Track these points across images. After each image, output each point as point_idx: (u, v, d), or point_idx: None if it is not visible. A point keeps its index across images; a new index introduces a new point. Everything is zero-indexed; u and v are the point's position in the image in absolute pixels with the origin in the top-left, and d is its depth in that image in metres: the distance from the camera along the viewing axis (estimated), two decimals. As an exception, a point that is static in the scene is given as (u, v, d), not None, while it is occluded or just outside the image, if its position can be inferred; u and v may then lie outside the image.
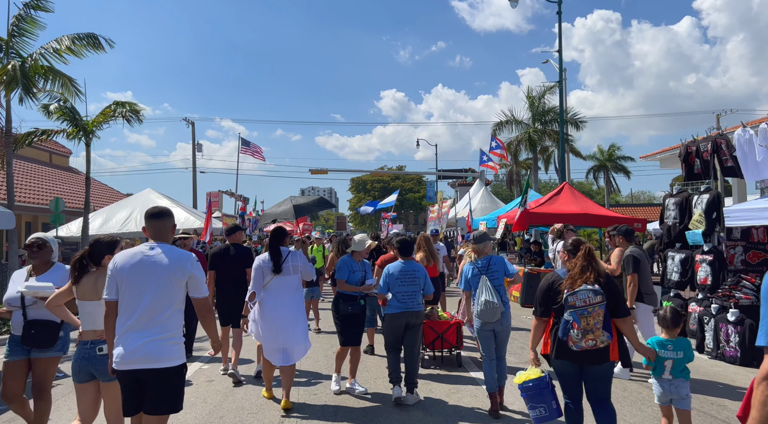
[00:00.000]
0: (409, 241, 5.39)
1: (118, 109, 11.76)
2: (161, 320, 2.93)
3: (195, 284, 3.07)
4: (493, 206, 20.83)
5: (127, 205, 15.72)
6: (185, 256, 3.10)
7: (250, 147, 28.65)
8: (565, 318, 3.39)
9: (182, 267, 3.01)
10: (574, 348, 3.34)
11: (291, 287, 5.09)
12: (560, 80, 19.66)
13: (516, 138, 23.37)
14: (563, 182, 12.81)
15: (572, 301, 3.34)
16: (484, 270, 4.91)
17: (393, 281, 5.10)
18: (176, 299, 3.01)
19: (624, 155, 41.89)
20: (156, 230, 3.15)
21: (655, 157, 18.80)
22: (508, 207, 15.41)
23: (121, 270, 2.97)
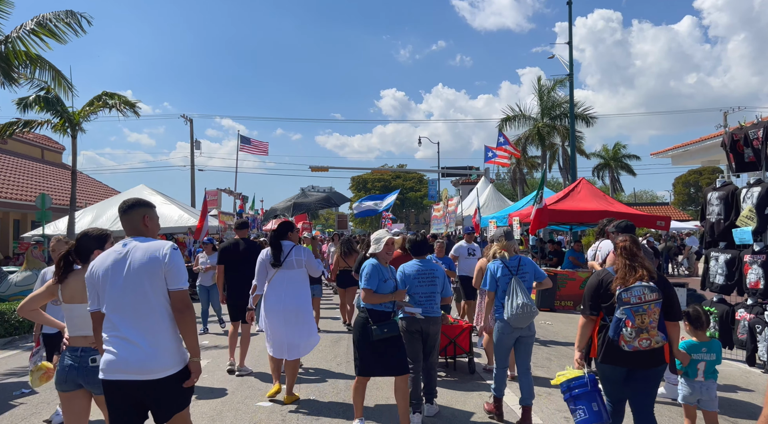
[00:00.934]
0: (419, 240, 4.90)
1: (107, 100, 10.96)
2: (152, 323, 2.63)
3: (173, 275, 2.70)
4: (501, 204, 20.08)
5: (119, 202, 14.94)
6: (158, 246, 2.74)
7: (250, 144, 28.25)
8: (617, 316, 3.19)
9: (156, 259, 2.68)
10: (625, 348, 3.15)
11: (295, 281, 5.00)
12: (570, 73, 18.94)
13: (524, 134, 22.56)
14: (580, 178, 12.08)
15: (626, 297, 3.15)
16: (515, 270, 4.53)
17: (410, 281, 4.64)
18: (163, 298, 2.69)
19: (629, 153, 41.63)
20: (129, 226, 2.84)
21: (667, 154, 18.27)
22: (518, 205, 14.67)
23: (96, 275, 2.70)
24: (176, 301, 2.68)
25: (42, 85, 10.34)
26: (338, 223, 31.07)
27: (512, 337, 4.46)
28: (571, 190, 11.66)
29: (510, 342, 4.49)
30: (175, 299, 2.68)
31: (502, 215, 14.03)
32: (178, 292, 2.69)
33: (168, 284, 2.68)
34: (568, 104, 21.97)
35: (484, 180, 23.29)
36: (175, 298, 2.69)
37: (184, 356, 2.69)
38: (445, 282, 4.73)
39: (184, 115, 35.03)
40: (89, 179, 25.71)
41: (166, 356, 2.61)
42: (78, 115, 11.06)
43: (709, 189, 6.92)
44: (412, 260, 4.78)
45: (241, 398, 5.24)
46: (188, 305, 2.71)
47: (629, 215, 10.79)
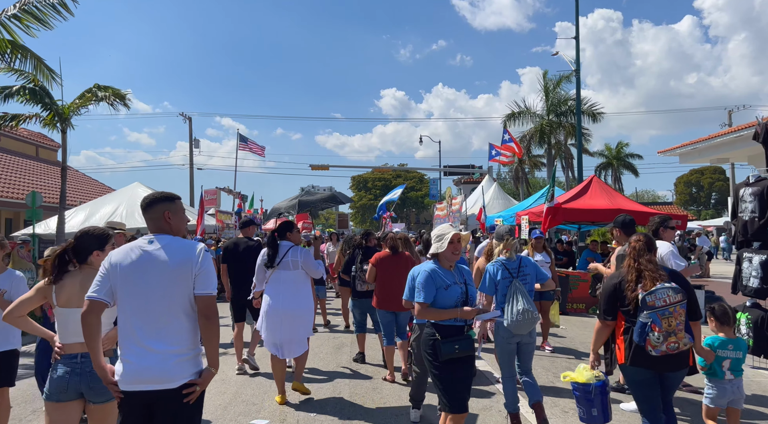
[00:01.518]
0: None
1: (99, 92, 10.47)
2: (174, 330, 2.44)
3: (203, 279, 2.50)
4: (505, 203, 19.60)
5: (113, 200, 14.50)
6: (190, 247, 2.54)
7: (248, 144, 28.06)
8: (642, 321, 3.10)
9: (188, 261, 2.49)
10: (653, 353, 3.06)
11: (292, 282, 4.95)
12: (577, 69, 18.47)
13: (529, 131, 22.01)
14: (591, 175, 11.61)
15: (650, 301, 3.05)
16: (515, 273, 4.26)
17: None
18: (188, 302, 2.49)
19: (632, 152, 41.25)
20: (151, 224, 2.61)
21: (675, 152, 17.90)
22: (525, 203, 14.20)
23: (115, 269, 2.46)
24: (204, 307, 2.47)
25: (27, 76, 9.85)
26: (339, 222, 30.58)
27: (512, 343, 4.24)
28: (583, 188, 11.18)
29: (512, 348, 4.26)
30: (203, 305, 2.47)
31: (508, 214, 13.57)
32: (207, 297, 2.48)
33: (197, 287, 2.47)
34: (573, 101, 21.54)
35: (488, 178, 22.82)
36: (204, 303, 2.48)
37: (197, 370, 2.48)
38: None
39: (183, 114, 35.02)
40: (84, 177, 25.25)
41: (188, 365, 2.45)
42: (68, 109, 10.58)
43: (741, 185, 6.45)
44: (425, 262, 4.17)
45: (233, 415, 4.85)
46: (216, 312, 2.51)
47: (643, 213, 10.32)
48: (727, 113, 37.80)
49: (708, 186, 66.43)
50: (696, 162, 20.77)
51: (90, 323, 2.43)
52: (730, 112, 37.81)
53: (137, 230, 12.96)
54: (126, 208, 13.84)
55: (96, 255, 2.95)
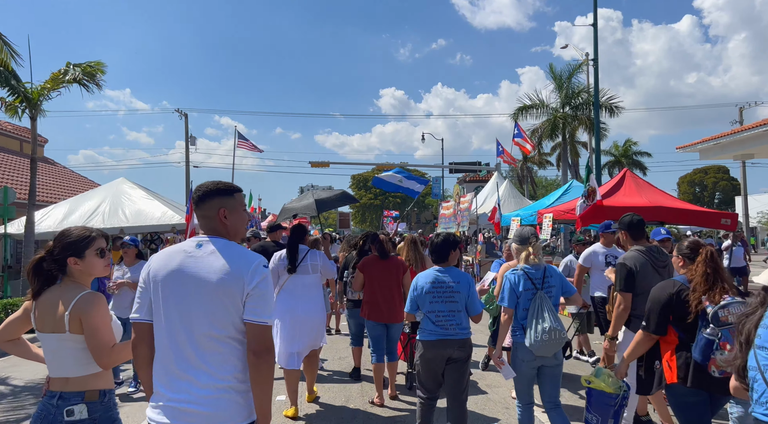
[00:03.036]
0: (443, 241, 3.95)
1: (70, 71, 9.26)
2: (222, 358, 1.95)
3: (256, 302, 1.96)
4: (518, 201, 18.41)
5: (95, 196, 13.28)
6: (246, 259, 2.02)
7: (247, 141, 27.68)
8: (707, 337, 2.80)
9: (240, 276, 1.96)
10: (716, 374, 2.77)
11: (309, 287, 4.88)
12: (595, 58, 17.31)
13: (542, 125, 20.75)
14: (624, 169, 10.48)
15: (723, 315, 2.77)
16: (540, 283, 3.70)
17: (422, 296, 3.83)
18: (234, 329, 1.97)
19: (640, 150, 40.59)
20: (203, 222, 2.13)
21: (696, 147, 17.07)
22: (546, 200, 13.01)
23: (154, 278, 2.03)
24: (255, 338, 1.97)
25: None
26: (339, 222, 29.49)
27: (533, 366, 3.70)
28: (616, 183, 10.03)
29: (532, 373, 3.73)
30: (254, 336, 1.97)
31: (527, 213, 12.40)
32: (259, 326, 1.98)
33: (247, 312, 1.97)
34: (586, 94, 20.34)
35: (497, 176, 21.68)
36: (255, 334, 1.97)
37: (251, 412, 1.99)
38: (471, 295, 3.85)
39: (179, 110, 34.49)
40: (69, 173, 24.07)
41: (233, 409, 1.95)
42: (37, 92, 9.38)
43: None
44: (430, 269, 3.93)
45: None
46: (269, 348, 2.00)
47: (688, 211, 9.19)
48: (738, 110, 37.37)
49: (712, 186, 65.79)
50: (717, 158, 19.81)
51: (139, 354, 2.06)
52: (741, 109, 37.45)
53: (120, 229, 11.82)
54: (109, 206, 12.63)
55: (74, 263, 2.40)
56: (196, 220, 2.21)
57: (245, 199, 2.42)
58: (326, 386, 5.84)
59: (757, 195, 42.08)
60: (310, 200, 7.45)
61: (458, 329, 3.77)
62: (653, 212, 9.04)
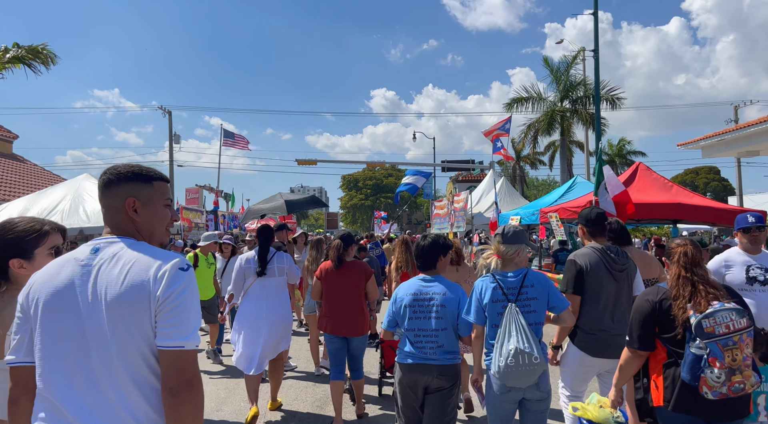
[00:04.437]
0: (431, 244, 3.33)
1: (12, 50, 8.14)
2: (117, 403, 1.47)
3: (170, 319, 1.50)
4: (515, 200, 17.48)
5: (55, 193, 12.12)
6: (157, 260, 1.55)
7: (233, 139, 27.10)
8: (694, 352, 2.40)
9: (144, 285, 1.50)
10: (709, 396, 2.36)
11: (275, 289, 4.83)
12: (595, 50, 16.45)
13: (538, 119, 19.75)
14: (636, 163, 9.57)
15: (708, 326, 2.36)
16: (514, 294, 3.01)
17: (402, 310, 3.24)
18: (142, 359, 1.50)
19: (634, 150, 40.52)
20: (108, 215, 1.66)
21: (698, 144, 16.53)
22: (550, 198, 12.06)
23: (36, 301, 1.55)
24: (171, 370, 1.48)
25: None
26: (327, 222, 28.50)
27: (511, 400, 2.99)
28: (628, 178, 9.11)
29: (508, 408, 3.02)
30: (169, 367, 1.48)
31: (528, 212, 11.44)
32: (175, 353, 1.48)
33: (158, 335, 1.48)
34: (584, 86, 19.43)
35: (491, 174, 20.77)
36: (170, 364, 1.48)
37: None
38: (458, 311, 3.15)
39: (162, 107, 34.24)
40: (38, 170, 22.84)
41: None
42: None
43: None
44: (413, 278, 3.37)
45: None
46: (190, 381, 1.49)
47: (711, 209, 8.28)
48: (733, 109, 37.47)
49: (703, 186, 66.01)
50: (720, 156, 19.23)
51: (20, 410, 1.54)
52: (736, 108, 37.60)
53: (80, 230, 10.69)
54: (71, 204, 11.47)
55: (19, 267, 1.93)
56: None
57: (170, 192, 1.76)
58: (293, 391, 5.72)
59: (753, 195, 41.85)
60: (279, 202, 7.34)
61: (440, 352, 3.12)
62: (672, 210, 8.14)
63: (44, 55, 8.48)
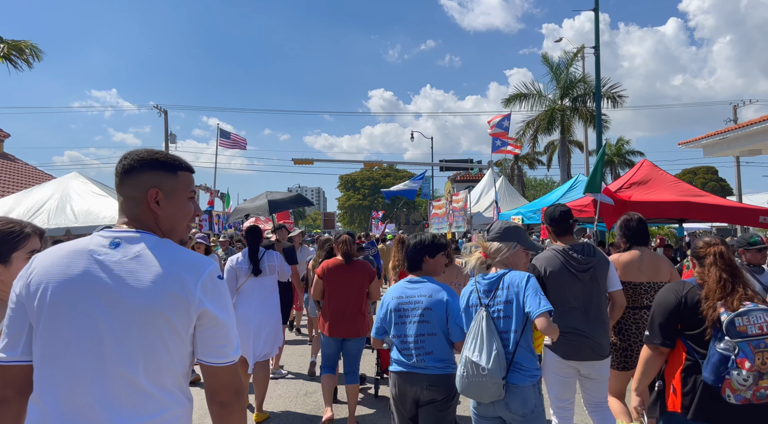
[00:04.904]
0: (417, 244, 3.09)
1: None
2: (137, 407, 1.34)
3: (214, 334, 1.41)
4: (515, 199, 17.18)
5: (42, 192, 11.75)
6: (196, 265, 1.43)
7: (230, 139, 26.97)
8: (721, 352, 2.27)
9: (186, 293, 1.37)
10: (732, 400, 2.25)
11: (266, 289, 4.87)
12: (596, 46, 16.18)
13: (538, 117, 19.41)
14: (641, 160, 9.27)
15: (741, 325, 2.26)
16: (487, 298, 2.72)
17: (388, 315, 3.01)
18: (169, 362, 1.38)
19: (632, 150, 40.45)
20: (126, 206, 1.51)
21: (700, 143, 16.31)
22: (551, 197, 11.75)
23: (41, 293, 1.36)
24: (220, 383, 1.43)
25: None
26: (324, 222, 28.20)
27: (486, 417, 2.71)
28: (634, 175, 8.80)
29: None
30: (217, 381, 1.43)
31: (530, 211, 11.12)
32: (226, 368, 1.42)
33: (202, 350, 1.40)
34: (584, 84, 19.10)
35: (490, 173, 20.46)
36: (220, 378, 1.43)
37: None
38: (451, 315, 2.87)
39: (158, 106, 33.98)
40: (29, 169, 22.46)
41: None
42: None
43: None
44: (401, 280, 3.15)
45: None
46: (239, 390, 1.47)
47: (721, 207, 7.96)
48: (732, 108, 37.58)
49: (701, 186, 65.94)
50: (721, 155, 19.04)
51: (9, 413, 1.39)
52: (735, 107, 37.74)
53: (66, 230, 10.33)
54: (57, 202, 11.11)
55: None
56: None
57: (194, 185, 1.62)
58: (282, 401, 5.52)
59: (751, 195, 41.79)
60: (263, 201, 7.42)
61: (429, 360, 2.85)
62: (681, 208, 7.81)
63: (28, 51, 8.16)
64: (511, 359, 2.61)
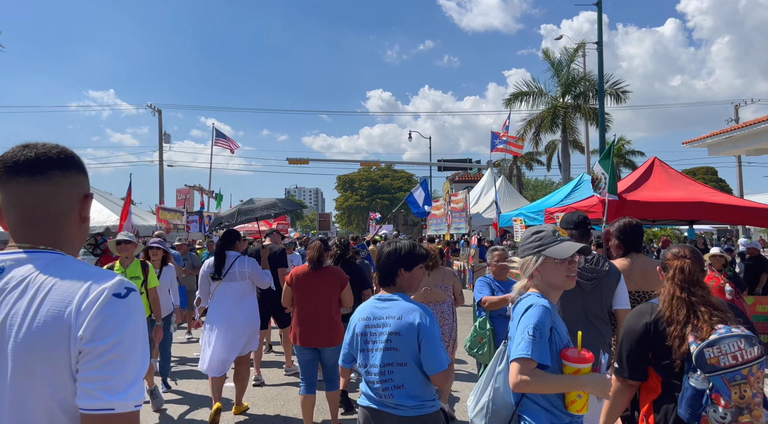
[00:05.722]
0: (391, 253, 2.55)
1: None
2: None
3: (98, 370, 1.08)
4: (515, 199, 16.68)
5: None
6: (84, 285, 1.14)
7: (225, 138, 26.92)
8: (695, 387, 2.02)
9: (63, 322, 1.09)
10: None
11: (239, 294, 4.84)
12: (599, 41, 15.72)
13: (540, 114, 18.89)
14: (651, 157, 8.77)
15: (712, 357, 2.00)
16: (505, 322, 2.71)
17: (353, 340, 2.50)
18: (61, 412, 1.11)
19: (633, 149, 40.10)
20: (30, 215, 1.20)
21: (705, 141, 15.89)
22: (553, 198, 11.25)
23: None
24: None
25: None
26: (319, 223, 27.64)
27: None
28: (643, 174, 8.31)
29: None
30: None
31: (532, 212, 10.62)
32: (102, 418, 1.07)
33: (79, 391, 1.08)
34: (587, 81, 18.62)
35: (489, 173, 19.95)
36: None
37: None
38: (425, 340, 2.31)
39: (152, 105, 33.93)
40: None
41: None
42: None
43: None
44: (371, 298, 2.58)
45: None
46: None
47: (737, 208, 7.46)
48: (734, 108, 37.40)
49: (701, 187, 65.65)
50: (727, 154, 18.68)
51: None
52: (737, 107, 37.57)
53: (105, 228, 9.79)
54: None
55: None
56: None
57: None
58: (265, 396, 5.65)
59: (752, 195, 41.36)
60: (234, 210, 7.25)
61: (399, 396, 2.33)
62: (694, 209, 7.31)
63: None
64: (513, 413, 2.06)
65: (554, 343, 2.02)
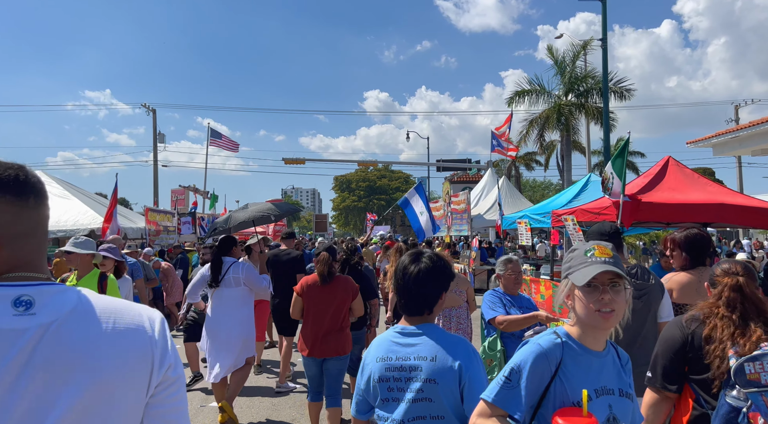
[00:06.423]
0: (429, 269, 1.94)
1: None
2: None
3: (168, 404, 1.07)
4: (517, 201, 16.23)
5: None
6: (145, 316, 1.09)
7: (221, 139, 26.62)
8: (732, 403, 1.94)
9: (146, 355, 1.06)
10: None
11: (234, 301, 4.87)
12: (604, 37, 15.31)
13: (543, 113, 18.46)
14: (666, 157, 8.34)
15: (753, 372, 1.91)
16: None
17: (370, 386, 1.98)
18: None
19: (633, 150, 40.03)
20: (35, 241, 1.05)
21: (709, 141, 15.78)
22: (560, 199, 10.79)
23: None
24: None
25: None
26: (316, 224, 27.15)
27: None
28: (657, 174, 7.86)
29: None
30: None
31: (538, 213, 10.16)
32: None
33: None
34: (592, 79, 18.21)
35: (489, 174, 19.52)
36: None
37: None
38: (469, 385, 1.82)
39: (146, 105, 33.59)
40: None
41: None
42: None
43: None
44: (386, 332, 2.05)
45: None
46: None
47: (761, 210, 7.04)
48: (734, 108, 37.35)
49: (700, 188, 65.78)
50: (732, 154, 18.54)
51: None
52: (737, 107, 37.52)
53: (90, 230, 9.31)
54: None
55: None
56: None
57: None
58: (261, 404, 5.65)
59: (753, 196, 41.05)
60: (227, 215, 7.13)
61: None
62: (714, 211, 6.88)
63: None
64: None
65: (555, 396, 1.57)
